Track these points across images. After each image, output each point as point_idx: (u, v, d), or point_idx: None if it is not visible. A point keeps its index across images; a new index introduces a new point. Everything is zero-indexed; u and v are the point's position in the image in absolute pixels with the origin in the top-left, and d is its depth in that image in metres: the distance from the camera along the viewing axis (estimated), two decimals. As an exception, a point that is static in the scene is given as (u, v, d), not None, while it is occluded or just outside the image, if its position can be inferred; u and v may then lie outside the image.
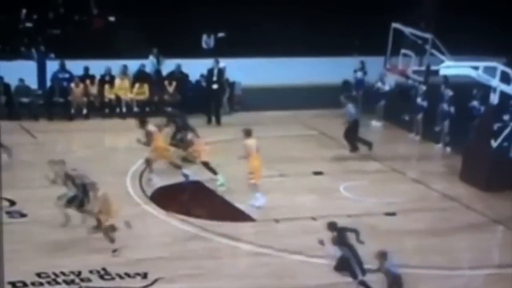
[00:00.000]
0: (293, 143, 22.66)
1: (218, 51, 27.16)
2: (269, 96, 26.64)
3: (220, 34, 28.90)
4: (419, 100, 23.43)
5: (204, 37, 28.84)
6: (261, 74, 27.04)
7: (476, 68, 20.04)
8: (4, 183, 15.45)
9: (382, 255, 12.88)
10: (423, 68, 20.07)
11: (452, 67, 20.04)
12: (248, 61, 27.24)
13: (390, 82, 24.85)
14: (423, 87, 22.80)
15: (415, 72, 20.26)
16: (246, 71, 26.35)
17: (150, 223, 16.79)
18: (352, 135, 21.73)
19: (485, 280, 15.28)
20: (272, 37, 28.03)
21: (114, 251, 14.98)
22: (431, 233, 17.04)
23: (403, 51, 20.45)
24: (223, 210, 17.72)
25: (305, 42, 28.00)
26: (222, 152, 19.69)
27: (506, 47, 23.42)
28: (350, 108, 21.68)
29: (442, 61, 19.99)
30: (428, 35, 19.79)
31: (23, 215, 16.65)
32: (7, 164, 18.21)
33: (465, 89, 22.64)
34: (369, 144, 21.91)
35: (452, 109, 22.50)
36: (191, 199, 18.41)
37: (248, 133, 17.78)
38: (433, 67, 19.99)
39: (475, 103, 22.69)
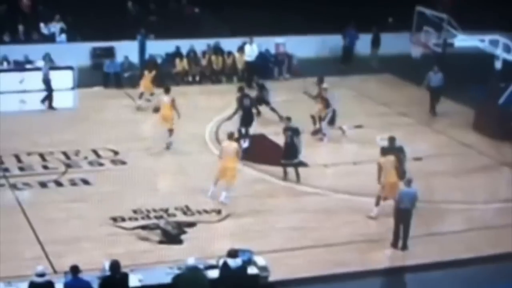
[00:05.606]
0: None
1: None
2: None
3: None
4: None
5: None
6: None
7: (482, 40, 24.68)
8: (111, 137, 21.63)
9: None
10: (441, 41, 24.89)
11: (464, 40, 24.72)
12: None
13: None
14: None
15: (435, 44, 24.95)
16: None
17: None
18: None
19: (494, 212, 19.16)
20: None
21: None
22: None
23: (425, 28, 25.20)
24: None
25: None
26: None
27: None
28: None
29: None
30: (444, 15, 24.49)
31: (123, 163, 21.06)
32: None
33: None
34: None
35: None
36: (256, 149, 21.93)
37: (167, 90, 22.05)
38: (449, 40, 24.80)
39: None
